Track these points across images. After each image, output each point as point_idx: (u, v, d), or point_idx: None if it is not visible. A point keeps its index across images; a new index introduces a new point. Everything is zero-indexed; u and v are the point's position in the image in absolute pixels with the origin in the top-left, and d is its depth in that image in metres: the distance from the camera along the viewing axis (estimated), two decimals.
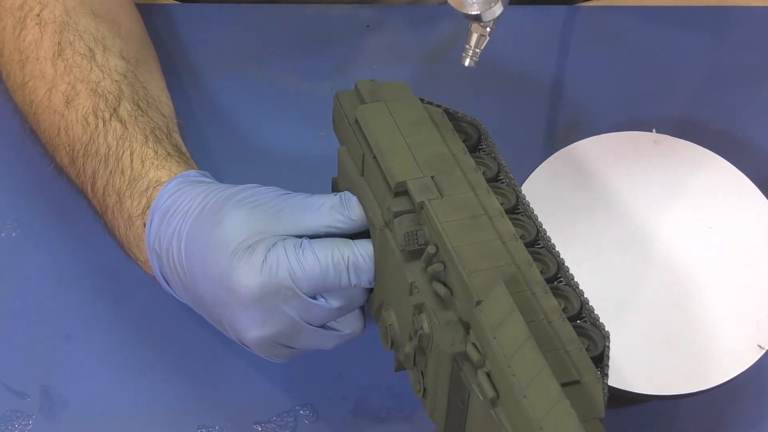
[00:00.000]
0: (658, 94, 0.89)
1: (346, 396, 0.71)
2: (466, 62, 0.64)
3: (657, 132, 0.78)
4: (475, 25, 0.63)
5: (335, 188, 0.69)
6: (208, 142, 0.84)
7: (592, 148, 0.76)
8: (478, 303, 0.54)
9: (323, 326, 0.64)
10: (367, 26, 0.93)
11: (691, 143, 0.77)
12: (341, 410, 0.71)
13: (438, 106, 0.65)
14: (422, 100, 0.65)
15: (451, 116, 0.65)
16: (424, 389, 0.61)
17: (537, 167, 0.75)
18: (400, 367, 0.65)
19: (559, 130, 0.86)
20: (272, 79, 0.89)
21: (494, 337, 0.52)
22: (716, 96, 0.89)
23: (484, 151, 0.64)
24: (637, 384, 0.65)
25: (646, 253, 0.71)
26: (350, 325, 0.65)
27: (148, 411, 0.70)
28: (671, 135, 0.78)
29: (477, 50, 0.64)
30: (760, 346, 0.67)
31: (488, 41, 0.65)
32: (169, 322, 0.74)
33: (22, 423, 0.69)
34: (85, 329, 0.74)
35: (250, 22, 0.93)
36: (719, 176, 0.75)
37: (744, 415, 0.71)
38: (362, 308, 0.66)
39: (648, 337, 0.67)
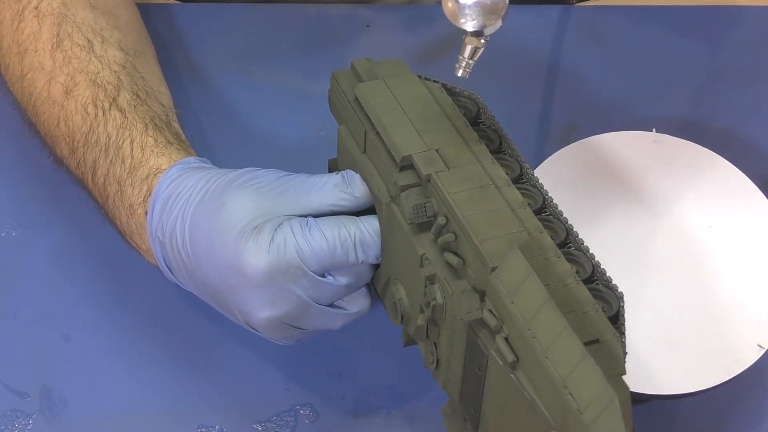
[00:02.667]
0: (658, 94, 0.89)
1: (346, 396, 0.71)
2: (459, 73, 0.63)
3: (657, 132, 0.78)
4: (470, 38, 0.62)
5: (332, 170, 0.69)
6: (208, 140, 0.84)
7: (592, 148, 0.76)
8: (493, 269, 0.54)
9: (331, 305, 0.65)
10: (367, 26, 0.93)
11: (691, 143, 0.77)
12: (341, 410, 0.71)
13: (435, 81, 0.65)
14: (419, 77, 0.65)
15: (449, 91, 0.65)
16: (437, 361, 0.61)
17: (537, 167, 0.75)
18: (409, 342, 0.65)
19: (559, 130, 0.86)
20: (272, 78, 0.89)
21: (512, 302, 0.53)
22: (716, 96, 0.89)
23: (484, 124, 0.65)
24: (637, 384, 0.65)
25: (646, 252, 0.71)
26: (357, 303, 0.66)
27: (148, 410, 0.70)
28: (671, 135, 0.78)
29: (471, 62, 0.63)
30: (760, 346, 0.67)
31: (483, 52, 0.64)
32: (169, 323, 0.74)
33: (22, 423, 0.69)
34: (85, 329, 0.74)
35: (250, 22, 0.93)
36: (719, 176, 0.75)
37: (744, 415, 0.71)
38: (368, 287, 0.66)
39: (648, 337, 0.67)
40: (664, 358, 0.66)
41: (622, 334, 0.54)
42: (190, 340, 0.73)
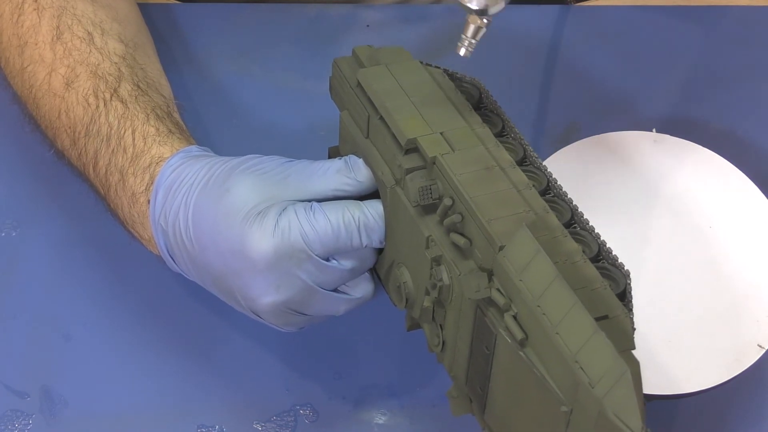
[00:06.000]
0: (658, 94, 0.89)
1: (346, 396, 0.71)
2: (462, 52, 0.63)
3: (657, 132, 0.78)
4: (473, 17, 0.63)
5: (333, 157, 0.69)
6: (209, 139, 0.84)
7: (592, 148, 0.76)
8: (501, 248, 0.55)
9: (335, 290, 0.65)
10: (367, 26, 0.93)
11: (691, 143, 0.77)
12: (341, 410, 0.71)
13: (437, 67, 0.66)
14: (421, 62, 0.65)
15: (451, 77, 0.66)
16: (443, 342, 0.62)
17: None
18: (413, 326, 0.66)
19: (559, 130, 0.86)
20: (272, 78, 0.89)
21: (521, 280, 0.53)
22: (716, 95, 0.89)
23: (487, 108, 0.65)
24: None
25: (646, 252, 0.71)
26: (361, 288, 0.66)
27: (148, 410, 0.70)
28: (671, 135, 0.78)
29: (473, 41, 0.63)
30: (760, 346, 0.67)
31: (485, 33, 0.64)
32: (169, 322, 0.74)
33: (22, 423, 0.69)
34: (85, 329, 0.74)
35: (250, 22, 0.93)
36: (719, 176, 0.75)
37: (744, 415, 0.71)
38: (371, 272, 0.66)
39: (648, 336, 0.67)
40: (664, 358, 0.66)
41: (630, 310, 0.54)
42: (190, 340, 0.73)
